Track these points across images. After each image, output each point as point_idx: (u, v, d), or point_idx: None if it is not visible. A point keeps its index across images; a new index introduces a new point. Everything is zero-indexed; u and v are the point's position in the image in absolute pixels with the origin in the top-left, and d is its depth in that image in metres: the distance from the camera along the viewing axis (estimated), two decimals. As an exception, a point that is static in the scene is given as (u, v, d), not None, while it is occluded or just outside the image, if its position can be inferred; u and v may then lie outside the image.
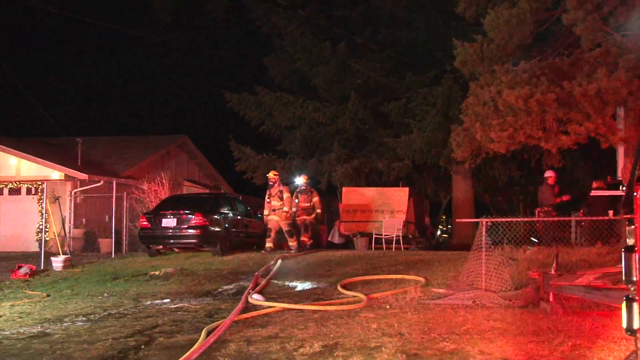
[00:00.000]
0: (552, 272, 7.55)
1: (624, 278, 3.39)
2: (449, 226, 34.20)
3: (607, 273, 6.78)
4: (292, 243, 14.67)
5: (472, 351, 5.36)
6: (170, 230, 14.11)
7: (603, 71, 10.56)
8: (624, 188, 3.56)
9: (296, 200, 15.26)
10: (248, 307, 7.79)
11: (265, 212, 14.85)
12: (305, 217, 15.26)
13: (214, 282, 10.47)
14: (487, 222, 8.97)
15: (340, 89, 22.31)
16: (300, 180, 16.16)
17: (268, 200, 14.78)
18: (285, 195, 14.65)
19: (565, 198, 13.54)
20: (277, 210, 14.58)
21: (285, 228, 14.69)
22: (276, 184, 14.74)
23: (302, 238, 15.27)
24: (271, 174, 15.10)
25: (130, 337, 6.31)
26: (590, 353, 5.23)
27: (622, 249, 3.40)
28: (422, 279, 9.44)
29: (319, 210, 15.65)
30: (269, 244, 14.58)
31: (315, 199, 15.47)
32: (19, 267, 12.46)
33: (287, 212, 14.54)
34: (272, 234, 14.67)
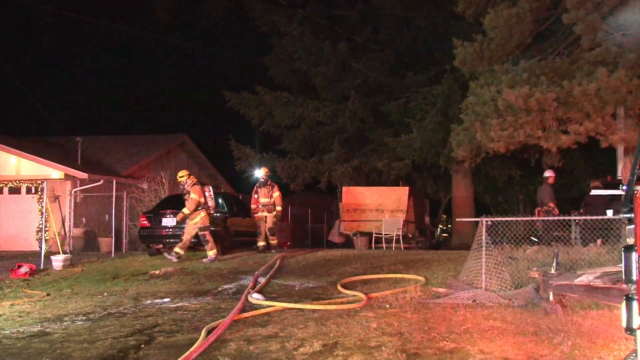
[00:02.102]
0: (552, 271, 7.56)
1: (623, 277, 3.39)
2: (449, 225, 34.24)
3: (607, 272, 6.79)
4: (210, 252, 12.77)
5: (472, 350, 5.36)
6: (170, 230, 14.10)
7: (603, 71, 10.57)
8: (624, 187, 3.56)
9: (255, 195, 14.41)
10: (248, 307, 7.79)
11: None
12: (265, 214, 14.29)
13: (213, 281, 10.46)
14: (487, 221, 8.97)
15: (340, 88, 22.34)
16: (259, 173, 15.03)
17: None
18: (193, 196, 12.76)
19: (556, 212, 13.22)
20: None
21: (199, 225, 12.97)
22: (186, 186, 13.10)
23: (270, 241, 14.29)
24: (178, 176, 13.38)
25: (130, 337, 6.31)
26: (590, 352, 5.24)
27: (622, 249, 3.40)
28: (422, 279, 9.45)
29: (279, 208, 14.48)
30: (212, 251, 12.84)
31: (277, 194, 14.40)
32: (19, 267, 12.46)
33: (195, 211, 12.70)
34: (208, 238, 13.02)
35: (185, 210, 12.80)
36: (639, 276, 3.33)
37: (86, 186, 18.88)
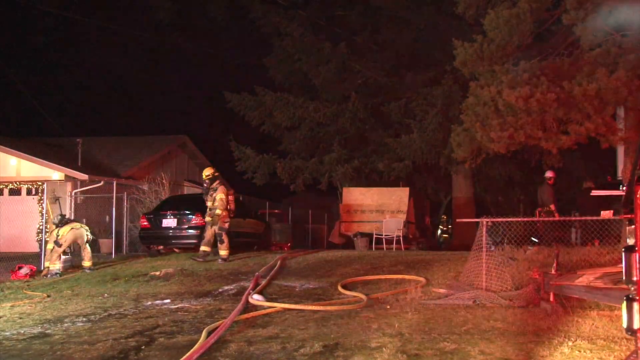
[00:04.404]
0: (553, 272, 7.56)
1: (624, 278, 3.39)
2: (450, 226, 34.23)
3: (608, 273, 6.80)
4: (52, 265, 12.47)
5: (473, 351, 5.36)
6: (171, 231, 14.12)
7: (603, 71, 10.56)
8: (624, 188, 3.56)
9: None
10: (248, 308, 7.79)
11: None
12: (208, 219, 13.06)
13: (214, 282, 10.47)
14: (487, 222, 8.97)
15: (341, 89, 22.33)
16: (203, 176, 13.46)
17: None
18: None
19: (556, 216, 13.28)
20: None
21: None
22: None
23: (219, 250, 12.87)
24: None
25: (131, 338, 6.31)
26: (591, 353, 5.24)
27: (623, 249, 3.40)
28: (422, 279, 9.45)
29: (218, 211, 12.78)
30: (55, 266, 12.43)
31: (219, 196, 12.88)
32: (20, 268, 12.46)
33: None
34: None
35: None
36: (639, 277, 3.33)
37: (86, 187, 18.89)
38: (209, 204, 13.13)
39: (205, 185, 13.32)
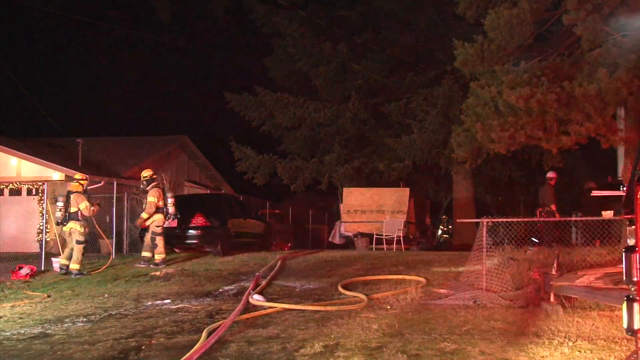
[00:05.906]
0: (553, 272, 7.56)
1: (624, 278, 3.40)
2: (450, 226, 34.24)
3: (608, 273, 6.80)
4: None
5: (473, 351, 5.36)
6: (171, 231, 14.09)
7: (603, 71, 10.55)
8: (625, 188, 3.56)
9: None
10: (249, 308, 7.80)
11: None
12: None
13: (214, 282, 10.47)
14: (487, 222, 8.97)
15: (341, 89, 22.32)
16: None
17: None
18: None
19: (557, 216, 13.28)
20: None
21: None
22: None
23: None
24: None
25: (131, 338, 6.32)
26: (591, 353, 5.24)
27: (623, 250, 3.40)
28: (422, 280, 9.45)
29: (145, 215, 12.56)
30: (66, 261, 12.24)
31: (149, 199, 12.63)
32: (20, 268, 12.45)
33: None
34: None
35: None
36: (639, 277, 3.33)
37: (87, 187, 18.85)
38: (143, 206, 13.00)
39: (142, 186, 13.25)
